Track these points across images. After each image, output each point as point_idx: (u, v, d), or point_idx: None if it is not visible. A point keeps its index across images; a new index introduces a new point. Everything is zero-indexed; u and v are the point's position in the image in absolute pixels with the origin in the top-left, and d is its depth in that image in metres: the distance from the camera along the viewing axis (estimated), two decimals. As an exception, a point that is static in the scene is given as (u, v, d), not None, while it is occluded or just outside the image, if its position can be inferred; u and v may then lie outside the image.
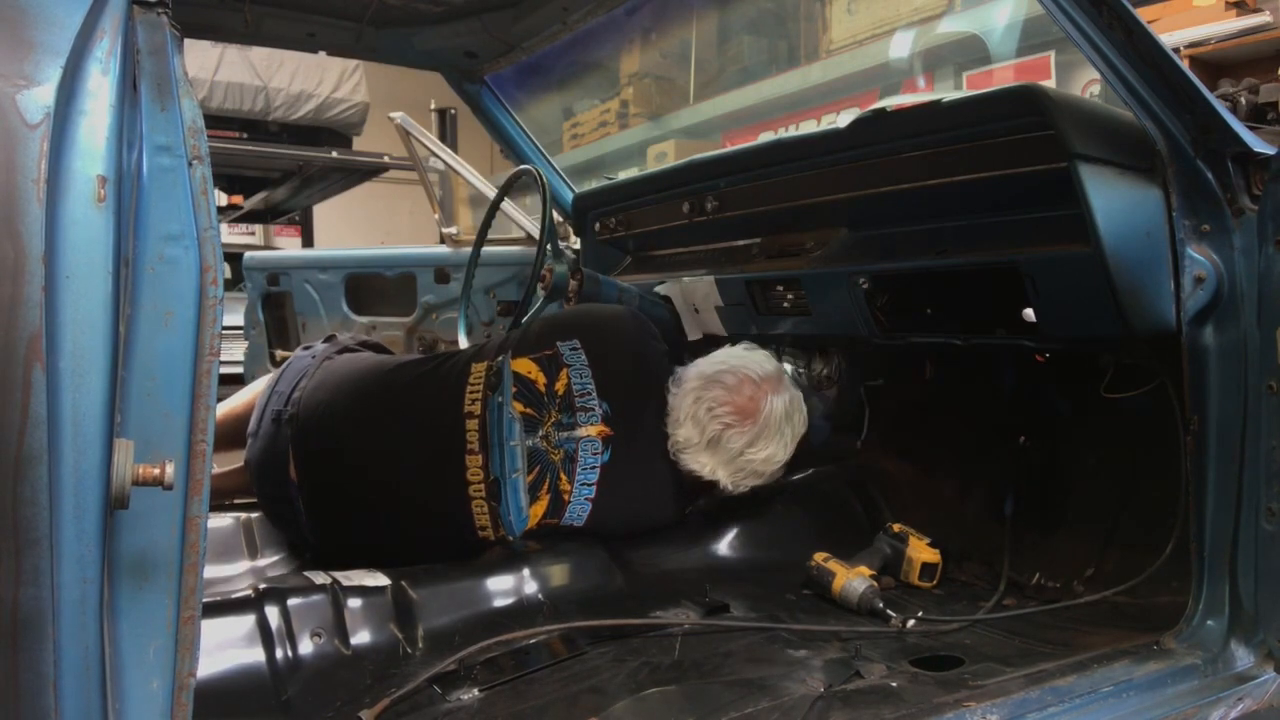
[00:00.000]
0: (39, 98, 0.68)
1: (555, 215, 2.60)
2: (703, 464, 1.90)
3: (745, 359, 1.98)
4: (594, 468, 1.85)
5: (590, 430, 1.86)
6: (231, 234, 7.22)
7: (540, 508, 1.84)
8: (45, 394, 0.67)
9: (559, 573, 1.78)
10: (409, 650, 1.54)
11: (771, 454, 1.93)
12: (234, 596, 1.53)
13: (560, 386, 1.88)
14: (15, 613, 0.67)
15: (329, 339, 2.31)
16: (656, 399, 1.94)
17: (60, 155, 0.69)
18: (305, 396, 2.00)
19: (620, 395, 1.89)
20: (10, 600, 0.67)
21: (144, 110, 0.83)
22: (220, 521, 2.00)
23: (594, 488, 1.85)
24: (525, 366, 1.91)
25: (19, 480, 0.66)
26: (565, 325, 1.99)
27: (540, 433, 1.86)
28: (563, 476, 1.85)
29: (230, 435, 2.16)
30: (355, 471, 1.92)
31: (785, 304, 2.18)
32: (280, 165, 5.95)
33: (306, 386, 2.02)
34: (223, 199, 6.66)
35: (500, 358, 1.93)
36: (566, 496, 1.84)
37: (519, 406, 1.87)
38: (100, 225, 0.71)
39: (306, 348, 2.26)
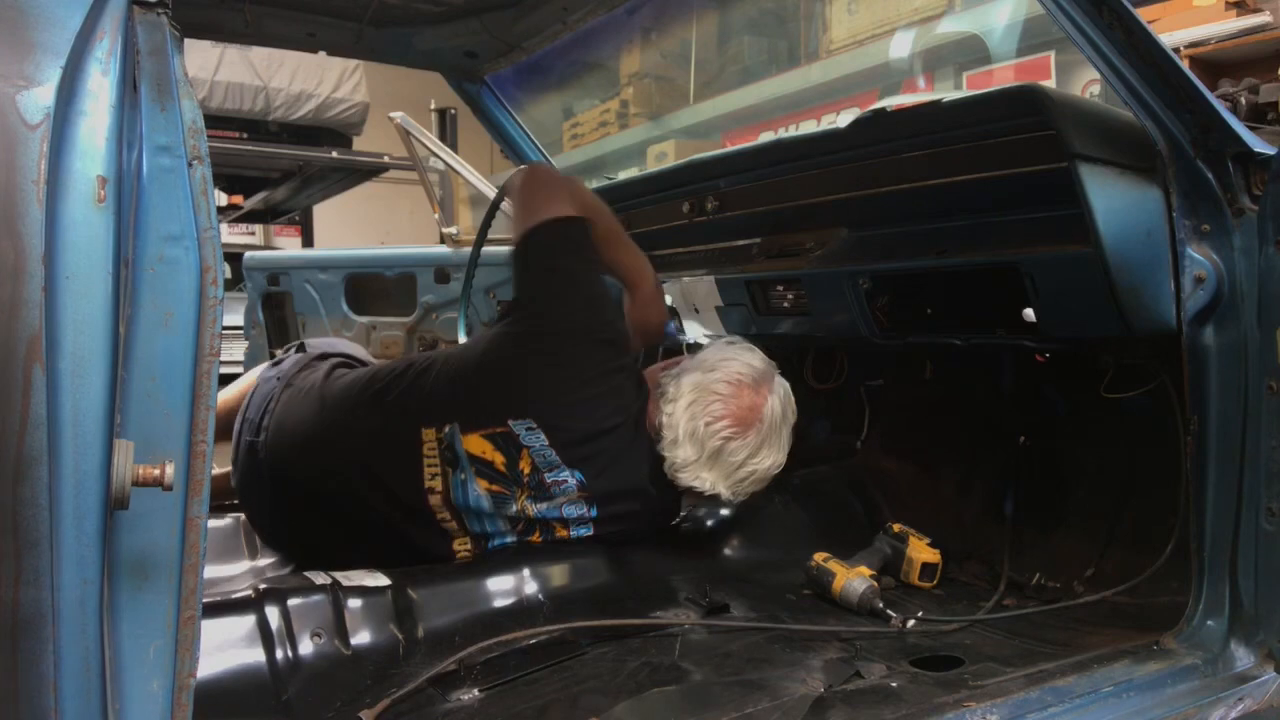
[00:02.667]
0: (39, 98, 0.68)
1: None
2: (703, 480, 1.80)
3: (736, 360, 1.84)
4: (586, 521, 1.81)
5: (571, 497, 1.78)
6: (231, 234, 7.23)
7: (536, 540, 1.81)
8: (45, 395, 0.67)
9: (559, 573, 1.77)
10: (409, 650, 1.54)
11: (776, 461, 1.84)
12: (234, 597, 1.53)
13: (525, 467, 1.75)
14: (15, 613, 0.67)
15: (299, 347, 2.21)
16: (630, 436, 1.81)
17: (60, 156, 0.69)
18: (272, 427, 1.91)
19: (591, 460, 1.77)
20: (10, 601, 0.67)
21: (144, 111, 0.82)
22: (220, 522, 2.00)
23: (589, 526, 1.81)
24: (479, 446, 1.75)
25: (19, 481, 0.66)
26: (514, 397, 1.77)
27: (516, 506, 1.77)
28: (555, 529, 1.80)
29: (221, 430, 2.12)
30: (334, 516, 1.84)
31: (785, 304, 2.18)
32: (280, 165, 5.96)
33: (273, 414, 1.92)
34: (223, 199, 6.66)
35: (448, 429, 1.76)
36: (564, 535, 1.81)
37: (484, 484, 1.75)
38: (100, 226, 0.71)
39: (276, 363, 2.14)
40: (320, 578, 1.59)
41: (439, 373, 1.84)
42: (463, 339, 2.51)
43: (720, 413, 1.77)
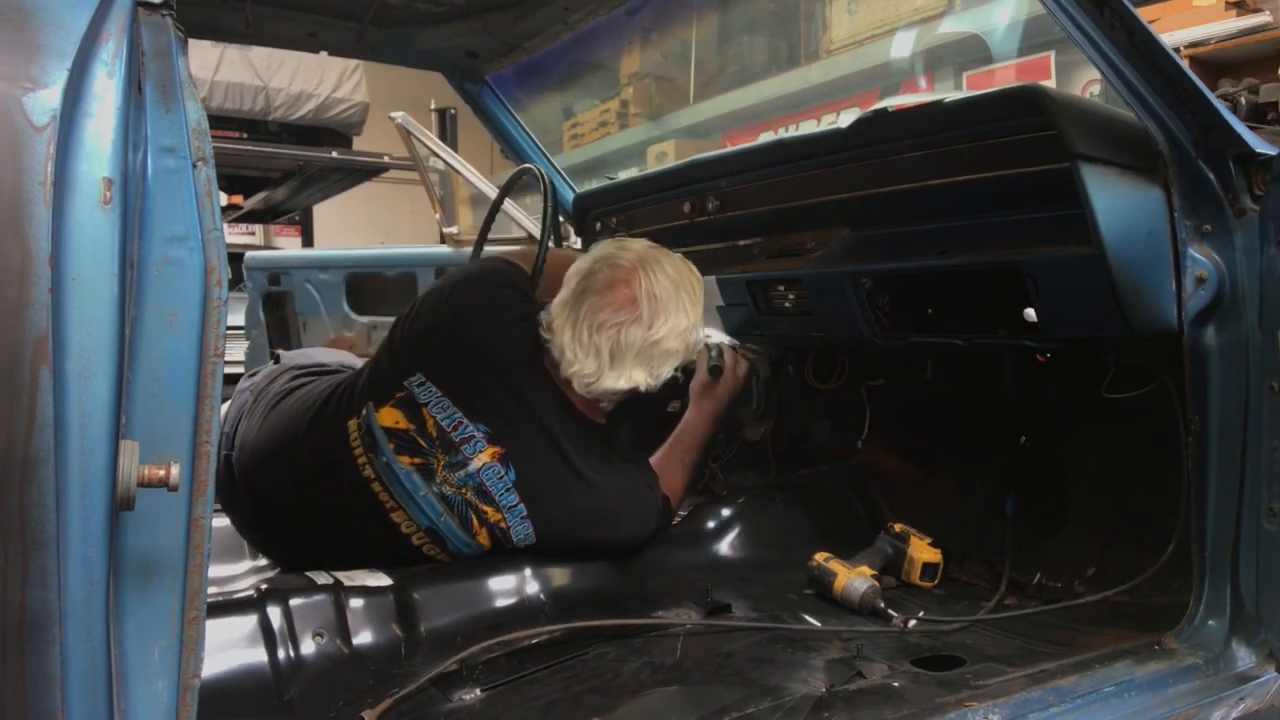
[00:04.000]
0: (45, 100, 0.68)
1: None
2: (617, 380, 1.74)
3: (601, 257, 1.82)
4: (509, 489, 1.74)
5: (483, 457, 1.73)
6: (232, 234, 7.23)
7: (485, 539, 1.76)
8: (52, 396, 0.67)
9: (560, 573, 1.78)
10: (411, 650, 1.54)
11: (675, 325, 1.77)
12: (236, 597, 1.54)
13: (431, 428, 1.74)
14: (23, 614, 0.67)
15: (274, 357, 2.24)
16: (526, 375, 1.79)
17: (66, 158, 0.69)
18: (240, 443, 1.92)
19: (492, 409, 1.75)
20: (18, 602, 0.67)
21: (149, 112, 0.83)
22: (223, 522, 2.00)
23: (521, 505, 1.74)
24: (391, 417, 1.76)
25: (26, 482, 0.66)
26: (405, 356, 1.82)
27: (438, 478, 1.74)
28: (485, 510, 1.73)
29: None
30: (302, 528, 1.85)
31: (786, 304, 2.18)
32: (280, 165, 5.96)
33: (242, 430, 1.94)
34: (223, 199, 6.65)
35: (365, 411, 1.78)
36: (502, 524, 1.75)
37: (405, 460, 1.74)
38: (106, 227, 0.71)
39: (252, 374, 2.16)
40: (322, 578, 1.59)
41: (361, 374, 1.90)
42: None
43: (597, 305, 1.74)
